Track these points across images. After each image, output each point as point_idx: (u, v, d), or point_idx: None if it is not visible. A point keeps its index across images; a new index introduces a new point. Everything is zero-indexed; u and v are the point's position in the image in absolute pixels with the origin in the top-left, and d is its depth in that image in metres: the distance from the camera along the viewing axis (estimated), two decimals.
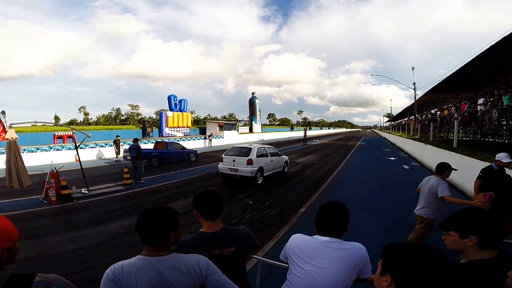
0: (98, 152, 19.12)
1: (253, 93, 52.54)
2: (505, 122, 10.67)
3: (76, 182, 9.20)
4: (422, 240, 4.16)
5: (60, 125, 27.34)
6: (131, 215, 6.72)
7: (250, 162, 10.01)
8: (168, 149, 16.66)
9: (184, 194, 8.75)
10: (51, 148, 16.89)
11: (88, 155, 18.16)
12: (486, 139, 16.94)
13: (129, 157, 15.12)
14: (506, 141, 15.99)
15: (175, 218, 1.52)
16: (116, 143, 17.88)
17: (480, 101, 12.83)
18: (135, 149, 10.57)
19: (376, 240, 5.17)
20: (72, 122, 75.43)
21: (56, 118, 73.97)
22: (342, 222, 1.80)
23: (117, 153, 17.81)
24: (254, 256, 2.35)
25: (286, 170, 12.92)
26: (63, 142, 19.65)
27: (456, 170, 4.40)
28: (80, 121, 79.11)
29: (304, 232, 1.96)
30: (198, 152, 18.67)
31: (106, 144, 19.39)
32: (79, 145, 9.77)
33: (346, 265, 1.67)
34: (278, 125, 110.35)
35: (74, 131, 11.42)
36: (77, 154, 9.25)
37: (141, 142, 21.46)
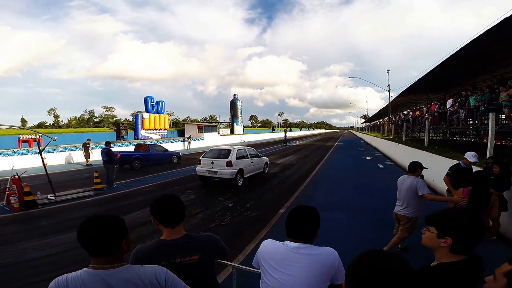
0: (68, 156, 18.18)
1: (235, 95, 52.69)
2: (471, 122, 11.29)
3: (43, 187, 8.68)
4: (408, 238, 4.39)
5: (24, 128, 25.87)
6: None
7: (229, 164, 9.93)
8: (150, 151, 16.34)
9: None
10: (15, 152, 15.89)
11: (57, 159, 17.28)
12: (454, 138, 17.81)
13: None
14: (472, 140, 16.92)
15: (123, 224, 1.40)
16: (86, 147, 16.98)
17: (449, 101, 13.45)
18: (106, 153, 10.21)
19: (353, 240, 5.31)
20: (40, 125, 71.72)
21: (23, 121, 69.99)
22: (312, 226, 1.71)
23: (87, 157, 16.94)
24: (228, 262, 2.23)
25: (266, 171, 13.00)
26: (29, 146, 18.61)
27: (427, 168, 4.62)
28: (50, 123, 75.35)
29: (283, 234, 1.85)
30: (180, 154, 18.51)
31: (77, 148, 18.45)
32: (43, 149, 9.21)
33: (317, 271, 1.61)
34: (260, 126, 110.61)
35: (39, 134, 10.80)
36: (41, 158, 8.65)
37: (114, 145, 20.93)
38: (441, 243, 1.39)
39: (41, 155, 8.61)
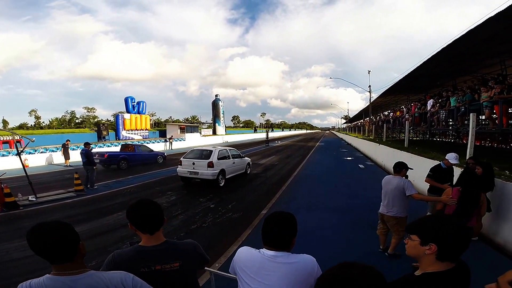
0: (48, 157, 17.84)
1: (216, 95, 52.38)
2: (452, 122, 11.43)
3: (24, 189, 8.57)
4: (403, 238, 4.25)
5: (1, 130, 25.08)
6: (82, 222, 6.34)
7: (211, 165, 9.81)
8: (135, 152, 16.46)
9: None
10: None
11: (38, 160, 17.03)
12: (434, 139, 18.16)
13: (96, 160, 14.53)
14: (452, 140, 17.30)
15: (72, 228, 1.35)
16: (65, 148, 16.60)
17: (430, 102, 13.66)
18: (84, 154, 9.99)
19: (334, 241, 5.24)
20: (22, 126, 70.27)
21: (5, 122, 69.19)
22: (289, 234, 1.63)
23: (66, 158, 16.55)
24: (206, 268, 2.15)
25: (248, 171, 12.97)
26: (10, 148, 17.93)
27: (412, 169, 4.54)
28: (31, 125, 73.83)
29: None
30: (165, 154, 18.69)
31: (57, 149, 18.06)
32: (22, 151, 9.06)
33: (295, 280, 1.53)
34: (242, 127, 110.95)
35: (19, 136, 10.58)
36: (20, 160, 8.48)
37: (95, 146, 20.60)
38: (425, 250, 1.31)
39: (19, 157, 8.53)
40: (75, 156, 16.50)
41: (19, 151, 8.71)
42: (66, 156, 16.52)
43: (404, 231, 4.21)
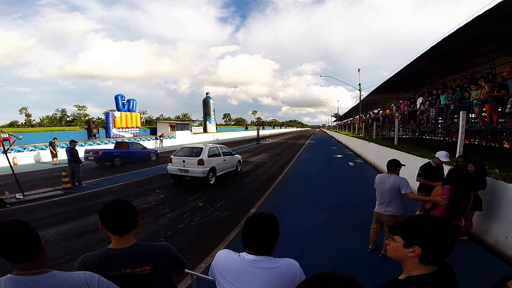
0: (37, 155, 17.66)
1: (207, 93, 52.29)
2: (441, 120, 11.47)
3: (11, 187, 8.53)
4: None
5: None
6: (70, 220, 6.31)
7: (201, 162, 9.73)
8: (129, 149, 16.65)
9: (127, 197, 8.02)
10: None
11: (27, 158, 16.91)
12: (424, 137, 18.29)
13: (90, 158, 14.80)
14: (441, 138, 17.43)
15: (32, 227, 1.30)
16: (53, 146, 16.30)
17: (419, 100, 13.70)
18: (69, 152, 9.77)
19: (325, 240, 5.13)
20: (12, 124, 69.02)
21: None
22: (271, 237, 1.53)
23: (54, 156, 16.26)
24: (188, 271, 2.00)
25: (239, 169, 12.99)
26: (3, 146, 17.51)
27: (404, 165, 4.45)
28: (22, 122, 72.50)
29: None
30: (158, 151, 18.90)
31: (46, 147, 17.79)
32: (8, 149, 8.89)
33: (276, 286, 1.44)
34: (233, 125, 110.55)
35: (9, 134, 10.39)
36: (7, 158, 8.35)
37: (85, 143, 20.32)
38: (408, 253, 1.23)
39: (6, 155, 8.42)
40: (64, 154, 16.15)
41: (5, 149, 8.57)
42: (54, 154, 16.27)
43: None
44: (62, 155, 16.39)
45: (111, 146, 19.03)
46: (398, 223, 1.36)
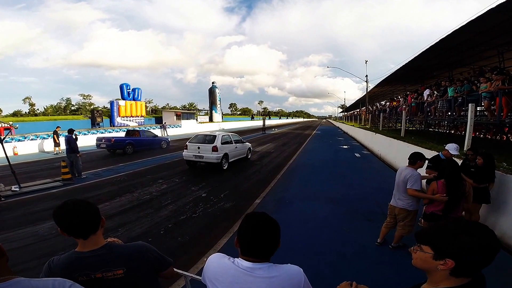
0: (40, 144, 17.54)
1: (213, 83, 52.23)
2: (449, 113, 11.36)
3: (7, 178, 8.23)
4: (412, 233, 4.07)
5: None
6: None
7: (215, 149, 10.37)
8: (141, 137, 16.92)
9: (129, 188, 8.07)
10: None
11: (29, 148, 16.69)
12: (430, 129, 18.15)
13: (102, 145, 15.04)
14: (447, 131, 17.27)
15: None
16: (57, 134, 16.16)
17: (426, 92, 13.54)
18: (66, 141, 9.51)
19: (331, 231, 5.13)
20: (16, 114, 69.41)
21: None
22: (272, 241, 1.34)
23: (57, 144, 16.13)
24: (181, 272, 1.84)
25: (249, 156, 13.62)
26: (0, 135, 17.64)
27: (428, 159, 4.37)
28: (25, 112, 72.87)
29: None
30: (169, 139, 19.24)
31: (49, 136, 17.72)
32: (4, 138, 8.68)
33: None
34: (239, 114, 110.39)
35: (11, 122, 10.27)
36: (3, 148, 7.98)
37: (88, 132, 20.45)
38: (438, 265, 1.07)
39: (2, 145, 7.98)
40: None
41: (2, 139, 8.23)
42: (56, 143, 16.15)
43: (413, 225, 4.13)
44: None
45: (122, 134, 19.11)
46: (427, 230, 1.19)
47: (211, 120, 48.56)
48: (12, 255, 1.10)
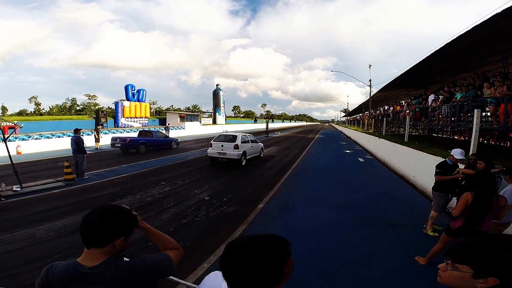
0: (45, 144, 17.62)
1: (217, 85, 52.59)
2: (454, 118, 11.29)
3: (9, 178, 8.15)
4: None
5: None
6: (66, 215, 5.92)
7: (236, 147, 11.96)
8: (153, 137, 17.92)
9: (131, 190, 8.03)
10: None
11: (36, 147, 16.72)
12: (433, 135, 18.07)
13: (117, 144, 15.97)
14: (451, 137, 17.19)
15: None
16: (97, 131, 18.31)
17: (431, 97, 13.49)
18: (75, 141, 9.48)
19: (333, 239, 5.05)
20: (21, 113, 70.01)
21: (3, 109, 68.30)
22: (253, 275, 0.96)
23: (97, 140, 18.12)
24: (184, 282, 1.81)
25: (262, 155, 15.31)
26: (4, 134, 17.68)
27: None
28: (31, 111, 73.41)
29: (261, 232, 1.27)
30: (178, 140, 20.36)
31: (53, 135, 18.03)
32: (8, 137, 8.60)
33: None
34: (242, 117, 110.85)
35: (16, 121, 10.30)
36: (6, 147, 8.03)
37: (91, 133, 20.61)
38: (478, 283, 0.98)
39: (5, 144, 7.99)
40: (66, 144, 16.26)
41: (5, 138, 8.22)
42: (96, 139, 18.34)
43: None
44: (66, 144, 16.50)
45: (135, 134, 19.96)
46: (462, 247, 1.07)
47: (214, 122, 48.76)
48: (4, 258, 1.07)
